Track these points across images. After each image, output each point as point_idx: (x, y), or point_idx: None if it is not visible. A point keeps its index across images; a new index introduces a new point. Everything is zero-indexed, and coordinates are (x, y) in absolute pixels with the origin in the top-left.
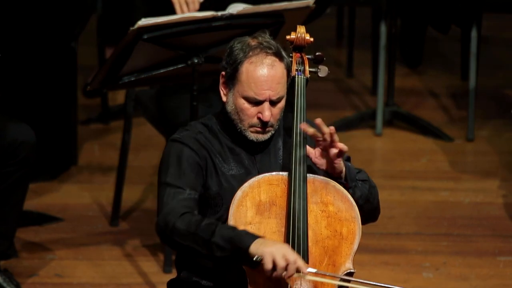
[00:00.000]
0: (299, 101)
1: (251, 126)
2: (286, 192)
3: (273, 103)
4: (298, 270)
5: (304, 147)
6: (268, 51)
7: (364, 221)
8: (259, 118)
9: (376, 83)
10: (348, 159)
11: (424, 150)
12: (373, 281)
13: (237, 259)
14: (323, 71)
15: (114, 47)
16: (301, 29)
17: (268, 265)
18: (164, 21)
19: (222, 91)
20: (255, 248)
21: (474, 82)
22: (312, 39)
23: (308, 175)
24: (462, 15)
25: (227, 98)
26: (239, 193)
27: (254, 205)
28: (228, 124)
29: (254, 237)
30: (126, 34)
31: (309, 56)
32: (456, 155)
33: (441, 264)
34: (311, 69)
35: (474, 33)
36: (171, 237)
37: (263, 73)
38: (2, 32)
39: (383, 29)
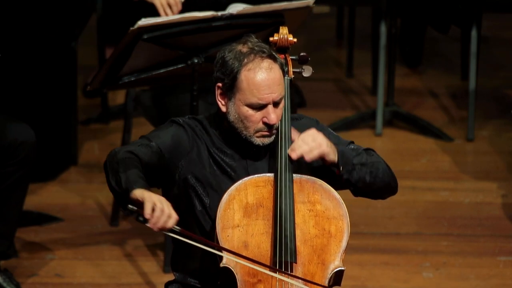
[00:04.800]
0: (284, 102)
1: (257, 131)
2: (272, 193)
3: (275, 104)
4: (165, 225)
5: (289, 147)
6: (263, 54)
7: (381, 196)
8: (264, 123)
9: (376, 83)
10: (351, 143)
11: (424, 150)
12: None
13: (123, 199)
14: (307, 71)
15: (114, 47)
16: (284, 30)
17: (148, 209)
18: (164, 21)
19: (220, 102)
20: (140, 192)
21: (474, 82)
22: (295, 40)
23: (294, 175)
24: (462, 15)
25: (227, 108)
26: (225, 197)
27: (241, 208)
28: (224, 130)
29: (143, 186)
30: (126, 34)
31: (294, 57)
32: (456, 155)
33: (441, 264)
34: (295, 70)
35: (474, 33)
36: (106, 160)
37: (263, 77)
38: (2, 32)
39: (383, 29)
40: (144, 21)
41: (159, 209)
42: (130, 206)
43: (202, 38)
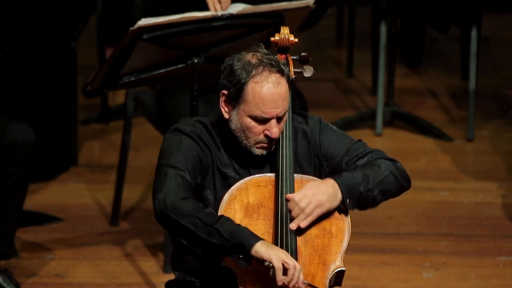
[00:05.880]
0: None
1: (258, 142)
2: (274, 193)
3: (279, 119)
4: (298, 281)
5: (291, 147)
6: (271, 68)
7: (395, 197)
8: (266, 135)
9: (376, 83)
10: (357, 142)
11: (424, 150)
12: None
13: (233, 252)
14: (308, 71)
15: (114, 47)
16: (285, 30)
17: (279, 268)
18: (164, 21)
19: (224, 108)
20: (262, 248)
21: (474, 82)
22: (296, 40)
23: (295, 174)
24: (462, 15)
25: (230, 116)
26: (226, 196)
27: (242, 208)
28: (227, 135)
29: (257, 237)
30: (126, 34)
31: (294, 57)
32: (456, 155)
33: (441, 264)
34: (296, 70)
35: (474, 33)
36: (169, 215)
37: (270, 92)
38: (2, 32)
39: (383, 29)
40: (144, 21)
41: (292, 267)
42: (266, 263)
43: (202, 38)
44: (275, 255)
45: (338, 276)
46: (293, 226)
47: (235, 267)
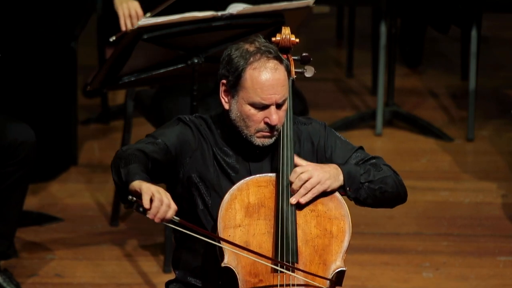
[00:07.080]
0: (287, 104)
1: (258, 131)
2: (274, 193)
3: (278, 106)
4: (165, 215)
5: (292, 147)
6: (269, 55)
7: (390, 207)
8: (266, 123)
9: (376, 83)
10: (360, 148)
11: (424, 150)
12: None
13: (125, 192)
14: (309, 71)
15: (114, 47)
16: (286, 31)
17: (146, 193)
18: (164, 21)
19: (224, 99)
20: (138, 183)
21: (474, 82)
22: (297, 40)
23: None
24: (462, 15)
25: (230, 106)
26: (227, 196)
27: (243, 208)
28: (227, 129)
29: (142, 177)
30: (126, 34)
31: (296, 57)
32: (456, 155)
33: (441, 264)
34: (297, 70)
35: (474, 33)
36: (113, 157)
37: (268, 77)
38: (2, 32)
39: (383, 29)
40: (144, 21)
41: (158, 200)
42: (130, 196)
43: (202, 38)
44: (146, 186)
45: (339, 276)
46: (293, 200)
47: (235, 268)
